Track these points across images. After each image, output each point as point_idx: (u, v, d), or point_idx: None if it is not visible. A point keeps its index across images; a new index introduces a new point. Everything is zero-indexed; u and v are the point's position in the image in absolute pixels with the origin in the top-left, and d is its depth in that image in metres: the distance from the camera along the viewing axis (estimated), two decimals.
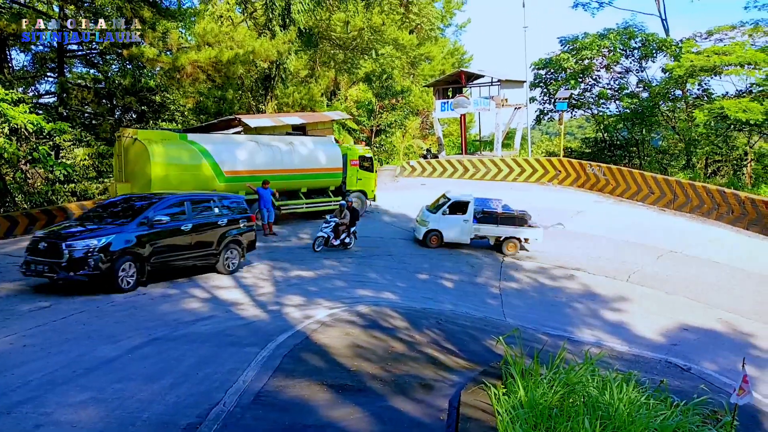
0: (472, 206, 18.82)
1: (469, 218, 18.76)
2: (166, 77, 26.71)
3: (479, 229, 18.79)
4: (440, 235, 18.80)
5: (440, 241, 18.84)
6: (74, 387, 6.75)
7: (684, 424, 5.84)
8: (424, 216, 19.16)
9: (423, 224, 18.86)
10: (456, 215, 18.77)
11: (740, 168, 32.83)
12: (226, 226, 14.03)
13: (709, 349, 11.80)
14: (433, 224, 18.78)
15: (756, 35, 30.80)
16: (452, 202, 18.87)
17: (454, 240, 18.83)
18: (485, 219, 18.89)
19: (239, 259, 14.34)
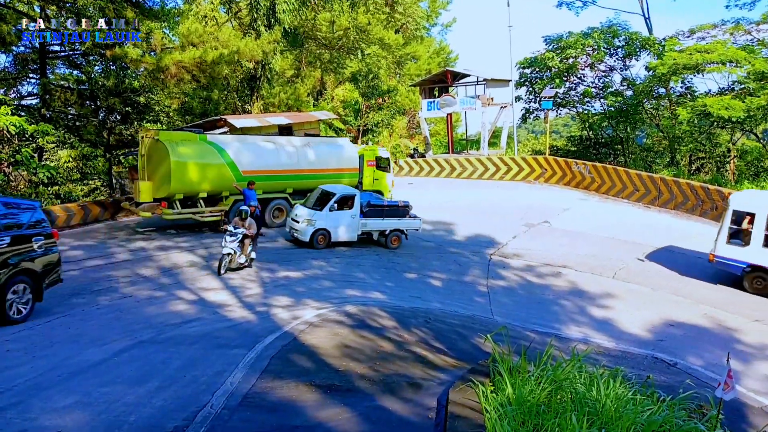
0: (358, 200, 17.75)
1: (356, 213, 17.65)
2: (150, 78, 26.47)
3: (366, 224, 17.83)
4: (328, 234, 17.44)
5: (327, 241, 17.48)
6: (59, 391, 6.68)
7: (670, 419, 5.88)
8: (307, 214, 17.44)
9: (309, 223, 17.18)
10: (344, 210, 17.55)
11: (723, 165, 33.22)
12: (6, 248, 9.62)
13: (694, 345, 11.92)
14: (320, 222, 17.28)
15: (737, 33, 31.18)
16: (340, 196, 17.56)
17: (343, 239, 17.69)
18: (372, 213, 17.91)
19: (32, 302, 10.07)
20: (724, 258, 15.44)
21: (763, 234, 14.73)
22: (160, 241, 17.34)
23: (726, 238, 15.37)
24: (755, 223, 14.99)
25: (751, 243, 14.94)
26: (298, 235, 17.40)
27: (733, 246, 15.30)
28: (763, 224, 14.81)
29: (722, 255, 15.46)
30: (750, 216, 15.17)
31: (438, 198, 24.36)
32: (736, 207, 15.47)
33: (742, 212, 15.36)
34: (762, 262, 14.82)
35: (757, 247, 14.83)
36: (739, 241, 15.30)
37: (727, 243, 15.37)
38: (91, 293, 11.78)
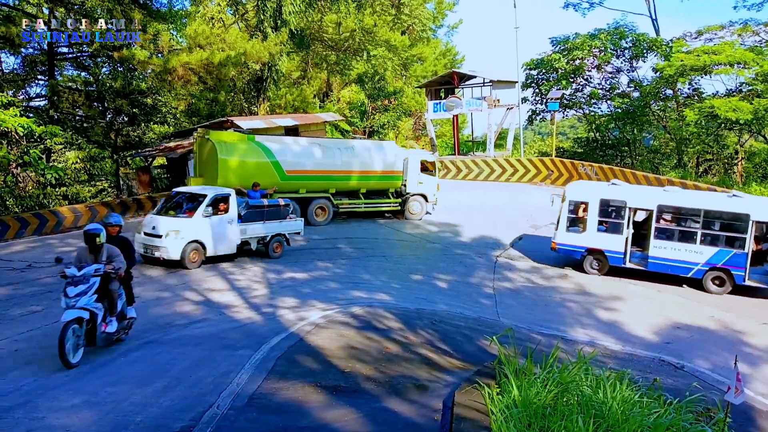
0: (235, 201, 15.05)
1: (233, 217, 14.95)
2: (157, 79, 26.63)
3: (246, 230, 15.22)
4: (203, 247, 14.28)
5: (203, 257, 14.36)
6: (66, 391, 6.71)
7: (677, 422, 5.86)
8: (172, 224, 14.01)
9: (178, 236, 13.86)
10: (219, 215, 14.68)
11: (731, 167, 33.03)
12: None
13: (701, 347, 11.85)
14: (192, 232, 14.04)
15: (745, 35, 31.02)
16: (213, 197, 14.57)
17: (222, 251, 14.77)
18: (252, 215, 15.47)
19: None
20: (565, 245, 16.77)
21: (597, 220, 16.29)
22: None
23: (565, 226, 16.66)
24: (589, 211, 16.42)
25: (587, 229, 16.40)
26: (161, 252, 13.83)
27: (572, 233, 16.67)
28: (596, 211, 16.32)
29: (563, 242, 16.78)
30: (584, 205, 16.53)
31: (444, 199, 24.32)
32: (572, 198, 16.74)
33: (577, 202, 16.67)
34: (597, 245, 16.35)
35: (592, 232, 16.33)
36: (576, 228, 16.66)
37: (566, 231, 16.70)
38: None
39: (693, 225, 15.65)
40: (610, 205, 16.42)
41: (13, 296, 11.56)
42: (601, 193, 16.65)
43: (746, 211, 15.02)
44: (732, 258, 15.01)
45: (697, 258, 15.33)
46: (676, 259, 15.56)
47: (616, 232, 16.15)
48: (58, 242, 17.44)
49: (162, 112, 31.01)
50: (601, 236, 16.25)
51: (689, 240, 15.47)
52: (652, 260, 15.82)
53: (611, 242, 16.17)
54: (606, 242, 16.22)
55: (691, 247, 15.38)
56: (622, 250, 16.10)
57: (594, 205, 16.34)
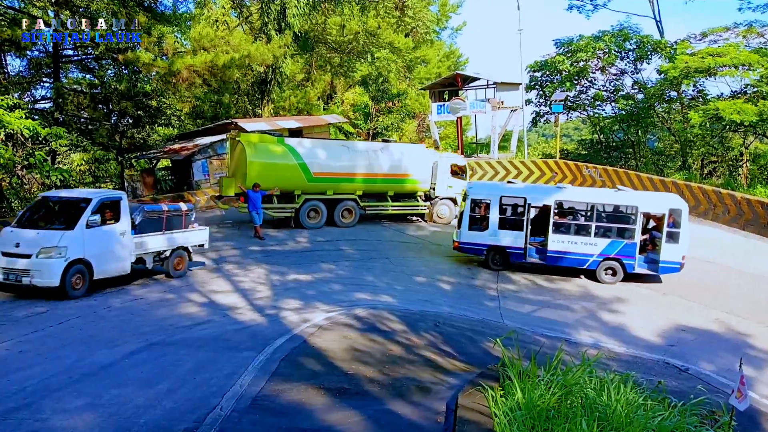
0: (126, 207, 12.29)
1: (126, 228, 12.18)
2: (162, 82, 26.71)
3: (143, 243, 12.59)
4: (89, 268, 11.42)
5: (88, 281, 11.46)
6: (70, 393, 6.73)
7: (682, 425, 5.84)
8: (44, 239, 11.07)
9: (54, 255, 10.87)
10: (108, 226, 11.84)
11: (736, 168, 32.92)
12: None
13: (706, 350, 11.81)
14: (73, 250, 11.12)
15: (750, 36, 30.94)
16: (98, 201, 11.67)
17: (112, 272, 12.02)
18: (149, 225, 12.85)
19: None
20: (468, 243, 16.90)
21: (498, 218, 16.58)
22: None
23: (468, 225, 16.81)
24: (491, 209, 16.67)
25: (489, 227, 16.63)
26: (31, 278, 10.87)
27: (474, 232, 16.81)
28: (496, 210, 16.61)
29: (466, 241, 16.90)
30: (486, 204, 16.79)
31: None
32: (474, 196, 16.87)
33: (479, 200, 16.88)
34: (498, 242, 16.66)
35: (494, 229, 16.59)
36: (478, 227, 16.83)
37: (469, 230, 16.82)
38: (102, 295, 11.86)
39: (587, 219, 16.29)
40: (510, 203, 16.88)
41: (18, 297, 11.59)
42: (502, 191, 17.03)
43: (635, 203, 16.07)
44: (623, 248, 15.93)
45: (592, 250, 16.00)
46: (572, 252, 16.12)
47: (516, 229, 16.54)
48: None
49: (166, 114, 31.11)
50: (502, 234, 16.55)
51: (584, 233, 16.13)
52: (550, 254, 16.22)
53: (512, 239, 16.53)
54: (507, 239, 16.56)
55: (586, 239, 16.02)
56: (522, 246, 16.48)
57: (495, 203, 16.60)
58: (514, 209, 16.96)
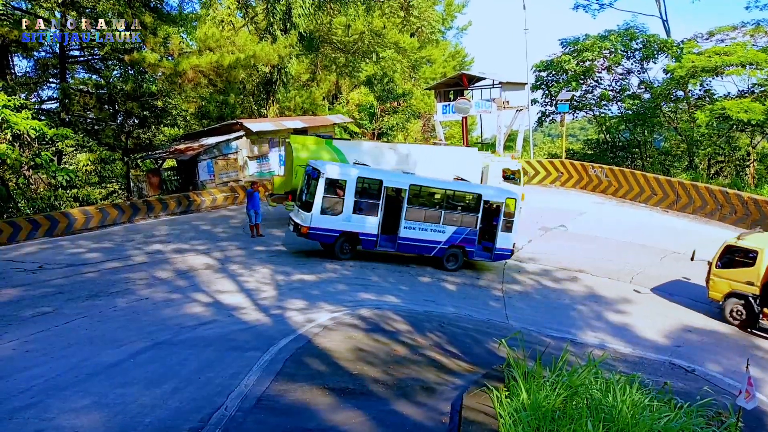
0: None
1: None
2: (167, 82, 26.80)
3: None
4: None
5: None
6: (76, 392, 6.75)
7: (688, 426, 5.81)
8: None
9: None
10: None
11: (743, 168, 32.72)
12: None
13: (712, 351, 11.75)
14: None
15: (757, 35, 30.75)
16: None
17: None
18: None
19: None
20: (318, 229, 15.67)
21: (353, 202, 15.73)
22: (177, 244, 17.48)
23: (320, 208, 15.55)
24: (345, 191, 15.70)
25: (344, 211, 15.71)
26: None
27: (326, 216, 15.71)
28: (352, 191, 15.68)
29: (318, 226, 15.63)
30: (341, 184, 15.73)
31: None
32: (329, 175, 15.58)
33: (334, 180, 15.66)
34: (352, 228, 15.86)
35: (348, 214, 15.74)
36: (331, 211, 15.79)
37: (321, 214, 15.60)
38: (108, 295, 11.90)
39: (437, 206, 16.45)
40: (365, 184, 16.07)
41: (25, 297, 11.65)
42: (359, 172, 16.15)
43: (479, 192, 16.63)
44: (467, 236, 16.39)
45: (440, 237, 16.24)
46: (422, 239, 16.18)
47: (370, 214, 15.92)
48: (69, 244, 17.57)
49: (172, 115, 31.21)
50: (356, 219, 15.82)
51: (434, 220, 16.21)
52: (401, 242, 16.05)
53: (365, 224, 15.91)
54: (361, 225, 15.89)
55: (436, 227, 16.17)
56: (375, 232, 15.97)
57: (351, 185, 15.68)
58: (370, 192, 16.10)
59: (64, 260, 15.21)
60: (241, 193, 25.63)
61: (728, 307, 13.68)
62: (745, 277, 13.45)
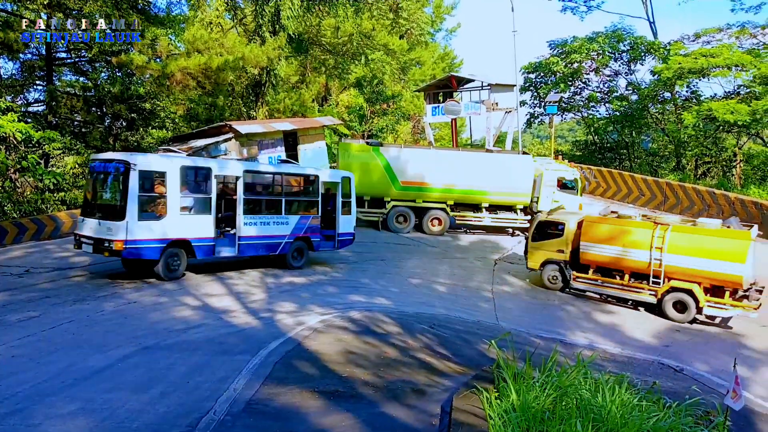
0: None
1: None
2: (155, 84, 26.60)
3: None
4: None
5: None
6: (63, 398, 6.67)
7: (677, 425, 5.84)
8: None
9: None
10: None
11: (730, 169, 33.05)
12: None
13: (701, 350, 11.84)
14: None
15: (743, 37, 31.09)
16: None
17: None
18: None
19: None
20: (138, 242, 11.88)
21: (179, 199, 12.36)
22: None
23: (137, 213, 11.79)
24: (168, 186, 12.10)
25: (168, 213, 12.22)
26: None
27: (147, 223, 11.94)
28: (177, 186, 12.18)
29: (136, 238, 11.83)
30: (161, 178, 12.21)
31: None
32: (143, 167, 12.11)
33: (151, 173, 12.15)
34: (180, 234, 12.40)
35: (174, 216, 12.22)
36: (153, 214, 12.15)
37: (139, 221, 11.79)
38: (96, 299, 11.79)
39: (277, 194, 14.64)
40: (193, 175, 13.11)
41: (11, 302, 11.51)
42: (183, 159, 13.33)
43: (316, 173, 15.53)
44: (311, 224, 15.14)
45: (284, 230, 14.53)
46: (266, 236, 14.20)
47: (203, 212, 12.96)
48: (56, 247, 17.40)
49: (160, 117, 31.02)
50: (185, 221, 12.63)
51: (275, 211, 14.45)
52: (243, 242, 13.70)
53: (198, 227, 12.86)
54: (192, 228, 12.76)
55: (278, 218, 14.45)
56: (211, 235, 13.07)
57: (174, 178, 12.33)
58: (199, 184, 13.17)
59: (50, 264, 15.06)
60: None
61: (546, 274, 15.64)
62: (556, 247, 15.45)
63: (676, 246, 13.62)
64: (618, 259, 14.30)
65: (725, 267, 13.09)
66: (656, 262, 13.80)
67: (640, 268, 14.11)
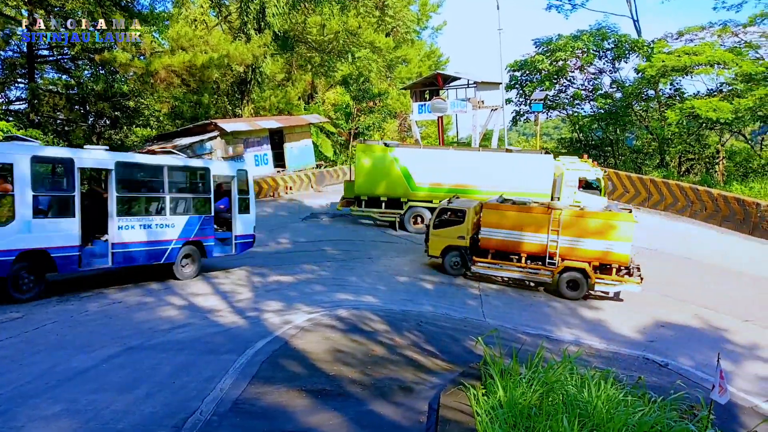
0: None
1: None
2: (139, 82, 26.39)
3: None
4: None
5: None
6: (47, 399, 6.59)
7: (662, 420, 5.89)
8: None
9: None
10: None
11: (712, 166, 33.45)
12: None
13: (685, 345, 11.96)
14: None
15: (725, 36, 31.45)
16: None
17: None
18: None
19: None
20: None
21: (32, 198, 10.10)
22: None
23: None
24: (16, 182, 9.94)
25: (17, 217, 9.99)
26: None
27: None
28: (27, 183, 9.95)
29: None
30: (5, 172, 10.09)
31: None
32: None
33: None
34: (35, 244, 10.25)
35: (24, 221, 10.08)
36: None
37: None
38: (80, 299, 11.66)
39: (159, 191, 12.39)
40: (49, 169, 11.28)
41: None
42: (36, 149, 10.63)
43: (205, 166, 13.62)
44: (203, 226, 13.04)
45: (171, 233, 12.34)
46: (148, 242, 11.98)
47: (63, 215, 10.69)
48: None
49: (145, 115, 30.73)
50: (40, 227, 10.36)
51: (158, 211, 12.28)
52: (118, 250, 11.53)
53: (57, 234, 10.56)
54: (50, 235, 10.46)
55: (163, 219, 12.26)
56: (76, 244, 10.82)
57: (23, 172, 9.97)
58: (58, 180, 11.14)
59: None
60: None
61: (447, 261, 16.04)
62: (457, 234, 15.89)
63: (569, 229, 14.68)
64: (517, 243, 15.15)
65: (614, 246, 14.32)
66: (552, 244, 14.77)
67: (537, 251, 15.03)
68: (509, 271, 15.37)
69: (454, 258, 16.03)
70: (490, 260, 15.50)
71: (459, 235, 15.93)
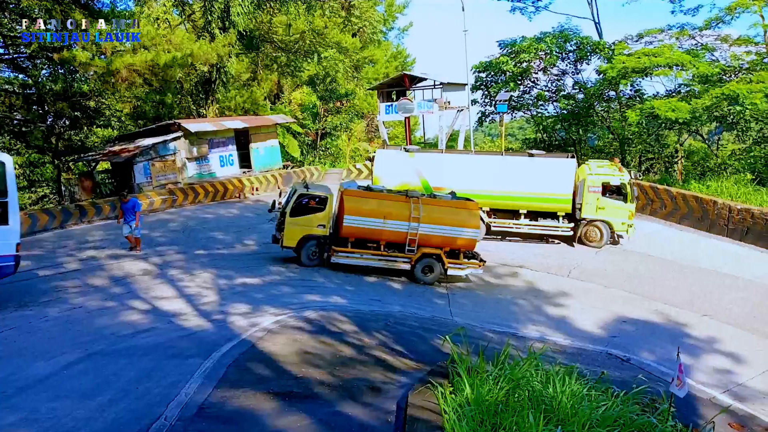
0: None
1: None
2: (100, 82, 25.77)
3: None
4: None
5: None
6: (4, 408, 6.40)
7: (624, 414, 6.02)
8: None
9: None
10: None
11: (672, 165, 34.32)
12: None
13: (646, 340, 12.24)
14: None
15: (683, 38, 32.28)
16: None
17: None
18: None
19: None
20: None
21: None
22: (112, 250, 16.85)
23: None
24: None
25: None
26: None
27: None
28: None
29: None
30: None
31: None
32: None
33: None
34: None
35: None
36: None
37: None
38: (39, 305, 11.35)
39: None
40: None
41: None
42: None
43: None
44: None
45: None
46: None
47: None
48: None
49: (106, 115, 30.08)
50: None
51: None
52: None
53: None
54: None
55: None
56: None
57: None
58: None
59: None
60: (180, 196, 24.95)
61: (305, 252, 15.70)
62: (317, 222, 15.62)
63: (429, 217, 15.34)
64: (379, 231, 15.41)
65: (466, 233, 15.44)
66: (413, 231, 15.31)
67: (397, 239, 15.48)
68: (369, 260, 15.55)
69: (312, 248, 15.66)
70: (349, 249, 15.48)
71: (319, 223, 15.60)
